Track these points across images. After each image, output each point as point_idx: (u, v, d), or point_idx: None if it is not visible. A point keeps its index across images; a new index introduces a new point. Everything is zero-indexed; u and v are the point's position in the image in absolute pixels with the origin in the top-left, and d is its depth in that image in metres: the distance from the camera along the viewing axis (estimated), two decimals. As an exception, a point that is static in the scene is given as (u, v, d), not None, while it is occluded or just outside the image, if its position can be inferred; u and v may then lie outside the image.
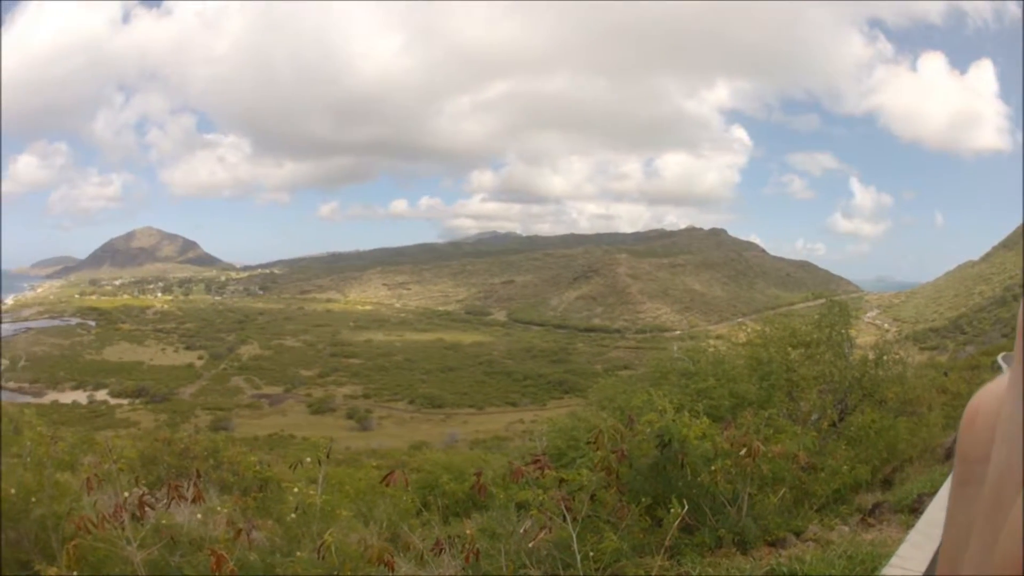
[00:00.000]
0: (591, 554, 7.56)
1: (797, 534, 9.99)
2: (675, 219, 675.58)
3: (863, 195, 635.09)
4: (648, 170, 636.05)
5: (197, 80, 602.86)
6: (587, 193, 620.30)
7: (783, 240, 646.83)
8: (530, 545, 7.84)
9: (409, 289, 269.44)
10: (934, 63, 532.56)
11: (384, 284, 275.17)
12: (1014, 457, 0.69)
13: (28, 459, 6.94)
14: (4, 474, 6.68)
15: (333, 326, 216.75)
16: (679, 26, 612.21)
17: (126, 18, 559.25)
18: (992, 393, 0.80)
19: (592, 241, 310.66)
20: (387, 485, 7.29)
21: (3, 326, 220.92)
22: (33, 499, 6.24)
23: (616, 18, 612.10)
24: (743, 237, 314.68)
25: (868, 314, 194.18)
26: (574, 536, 7.36)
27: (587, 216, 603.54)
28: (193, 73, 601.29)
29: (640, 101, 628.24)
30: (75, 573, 4.86)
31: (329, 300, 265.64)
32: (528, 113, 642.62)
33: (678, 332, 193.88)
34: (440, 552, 7.20)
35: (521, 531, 8.53)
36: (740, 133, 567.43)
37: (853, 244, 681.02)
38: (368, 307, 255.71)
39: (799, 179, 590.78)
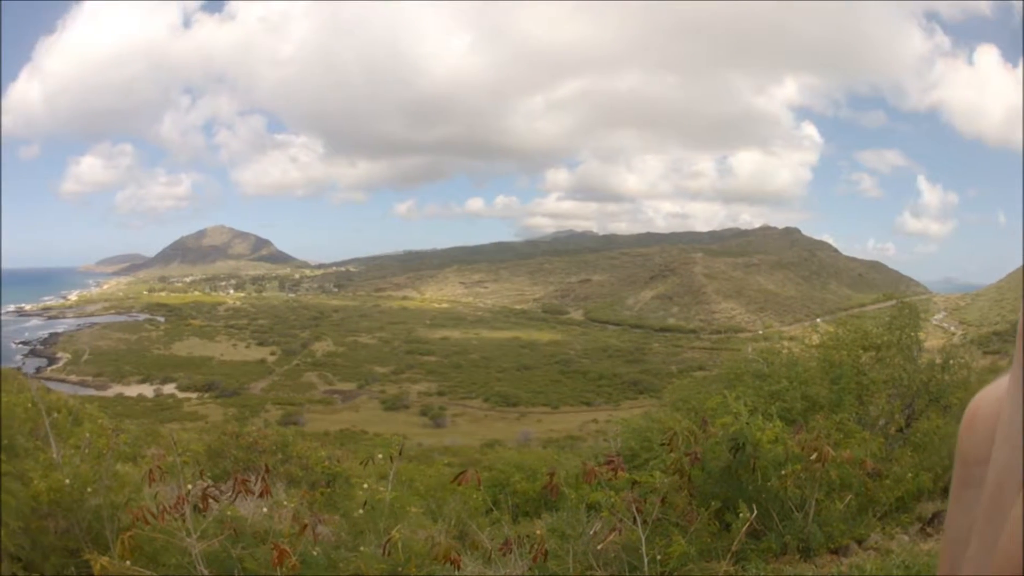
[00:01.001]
0: (658, 557, 7.48)
1: (859, 542, 9.84)
2: (749, 218, 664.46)
3: (930, 193, 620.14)
4: (722, 168, 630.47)
5: (265, 82, 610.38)
6: (662, 191, 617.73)
7: (855, 239, 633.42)
8: (599, 547, 7.77)
9: (486, 287, 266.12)
10: (988, 57, 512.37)
11: (461, 282, 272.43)
12: (1014, 458, 0.69)
13: (87, 451, 6.97)
14: (61, 464, 6.73)
15: (409, 323, 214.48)
16: (745, 22, 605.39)
17: (187, 23, 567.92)
18: (992, 395, 0.81)
19: (668, 240, 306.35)
20: (459, 484, 7.17)
21: (67, 320, 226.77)
22: (89, 489, 6.26)
23: (682, 14, 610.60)
24: (816, 236, 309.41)
25: (935, 317, 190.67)
26: (643, 539, 7.31)
27: (663, 215, 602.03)
28: (261, 75, 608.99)
29: (711, 98, 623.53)
30: (128, 562, 4.85)
31: (405, 298, 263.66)
32: (601, 111, 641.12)
33: (751, 333, 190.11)
34: (508, 552, 7.14)
35: (591, 532, 8.39)
36: (810, 130, 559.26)
37: (921, 244, 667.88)
38: (444, 305, 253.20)
39: (868, 177, 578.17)
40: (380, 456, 8.00)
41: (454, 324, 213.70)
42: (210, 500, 5.59)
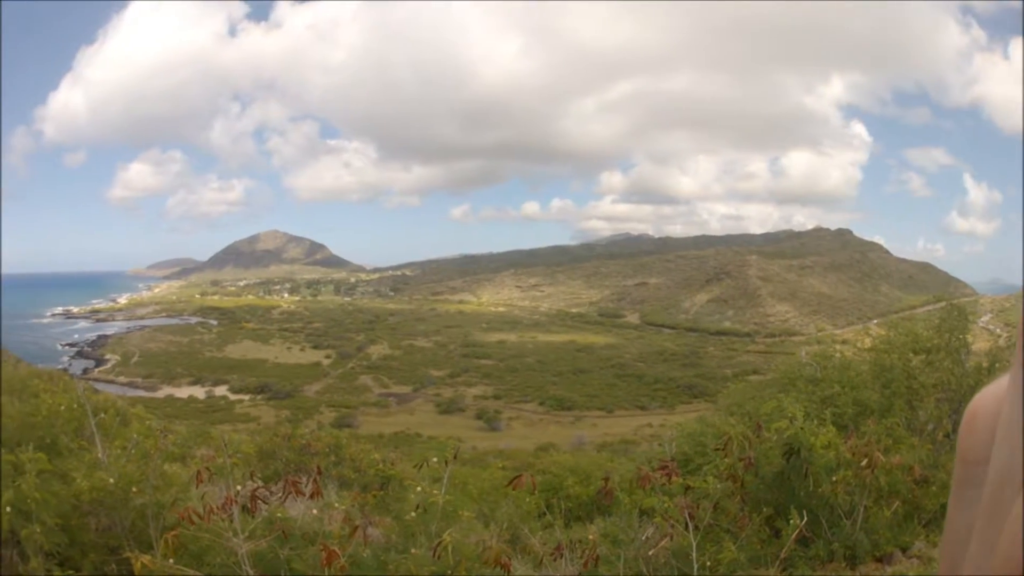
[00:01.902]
0: (708, 564, 7.44)
1: (903, 550, 9.73)
2: (802, 219, 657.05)
3: (976, 192, 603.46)
4: (774, 168, 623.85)
5: (316, 89, 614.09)
6: (716, 193, 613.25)
7: (905, 240, 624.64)
8: (651, 553, 7.75)
9: (542, 291, 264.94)
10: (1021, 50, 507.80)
11: (517, 286, 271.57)
12: (1014, 458, 0.69)
13: (133, 450, 7.03)
14: (107, 464, 6.78)
15: (465, 327, 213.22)
16: (789, 19, 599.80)
17: (233, 32, 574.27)
18: (992, 395, 0.81)
19: (723, 242, 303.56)
20: (514, 488, 7.13)
21: (116, 323, 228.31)
22: (134, 489, 6.30)
23: (729, 13, 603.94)
24: (867, 237, 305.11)
25: (982, 319, 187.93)
26: (694, 545, 7.25)
27: (717, 217, 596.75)
28: (311, 82, 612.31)
29: (761, 98, 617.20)
30: (171, 560, 4.87)
31: (461, 301, 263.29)
32: (653, 113, 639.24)
33: (805, 336, 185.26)
34: (559, 556, 7.11)
35: (643, 538, 8.37)
36: (859, 129, 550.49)
37: (969, 244, 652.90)
38: (501, 308, 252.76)
39: (916, 176, 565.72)
40: (436, 459, 8.02)
41: (510, 327, 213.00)
42: (259, 501, 5.61)
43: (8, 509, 5.54)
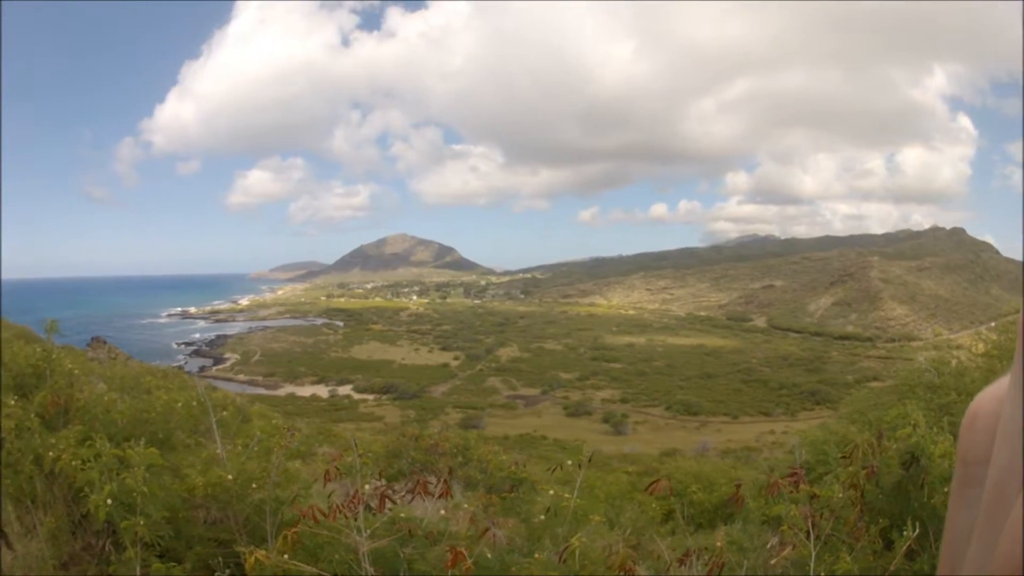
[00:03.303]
0: (822, 575, 7.29)
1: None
2: (920, 218, 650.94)
3: None
4: (890, 165, 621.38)
5: (436, 95, 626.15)
6: (837, 192, 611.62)
7: (1012, 238, 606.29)
8: (772, 562, 7.74)
9: (671, 294, 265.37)
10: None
11: (647, 288, 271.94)
12: (1014, 459, 0.69)
13: (256, 448, 7.10)
14: (225, 460, 6.87)
15: (595, 330, 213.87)
16: (888, 9, 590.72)
17: (345, 42, 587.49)
18: (992, 395, 0.81)
19: (846, 243, 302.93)
20: (651, 493, 7.10)
21: (237, 324, 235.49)
22: (254, 485, 6.36)
23: (829, 8, 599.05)
24: (979, 236, 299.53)
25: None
26: (813, 555, 7.15)
27: (840, 217, 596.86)
28: (430, 89, 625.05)
29: (870, 92, 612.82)
30: (285, 556, 4.88)
31: (591, 304, 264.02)
32: (771, 111, 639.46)
33: (923, 341, 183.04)
34: (684, 562, 7.02)
35: (768, 546, 8.32)
36: (964, 122, 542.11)
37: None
38: (631, 311, 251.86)
39: (1017, 170, 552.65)
40: (570, 463, 7.98)
41: (639, 331, 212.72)
42: (387, 500, 5.61)
43: (108, 501, 5.63)
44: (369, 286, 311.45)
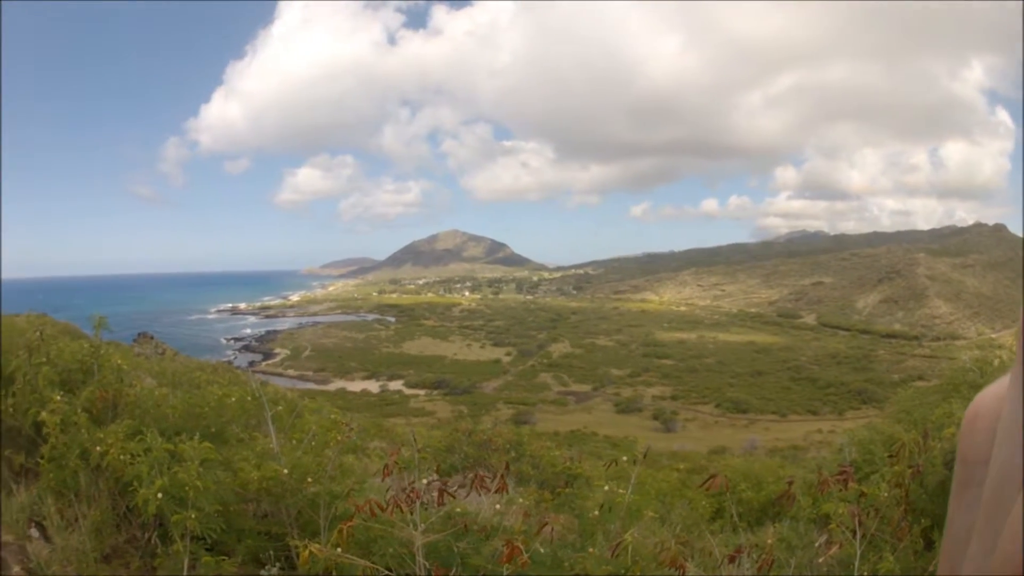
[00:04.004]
0: (865, 574, 7.23)
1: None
2: (963, 214, 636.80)
3: None
4: (934, 160, 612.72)
5: (484, 92, 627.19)
6: (884, 187, 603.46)
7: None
8: (819, 560, 7.65)
9: (722, 290, 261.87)
10: None
11: (699, 285, 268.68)
12: (1014, 459, 0.69)
13: (312, 442, 7.13)
14: (280, 454, 6.91)
15: (646, 326, 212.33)
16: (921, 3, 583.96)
17: (392, 40, 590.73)
18: (993, 395, 0.81)
19: (893, 239, 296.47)
20: (708, 489, 7.03)
21: (287, 319, 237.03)
22: (310, 479, 6.39)
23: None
24: (1019, 232, 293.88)
25: None
26: (858, 554, 7.12)
27: (887, 212, 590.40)
28: (479, 85, 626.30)
29: (912, 85, 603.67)
30: (339, 549, 4.89)
31: (644, 300, 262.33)
32: (817, 105, 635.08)
33: (967, 340, 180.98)
34: (735, 560, 7.00)
35: (816, 545, 8.18)
36: (1003, 115, 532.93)
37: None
38: (682, 308, 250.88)
39: None
40: (624, 458, 7.98)
41: (691, 327, 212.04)
42: (446, 495, 5.62)
43: (159, 495, 5.67)
44: (421, 282, 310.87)
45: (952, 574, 0.81)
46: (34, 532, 6.83)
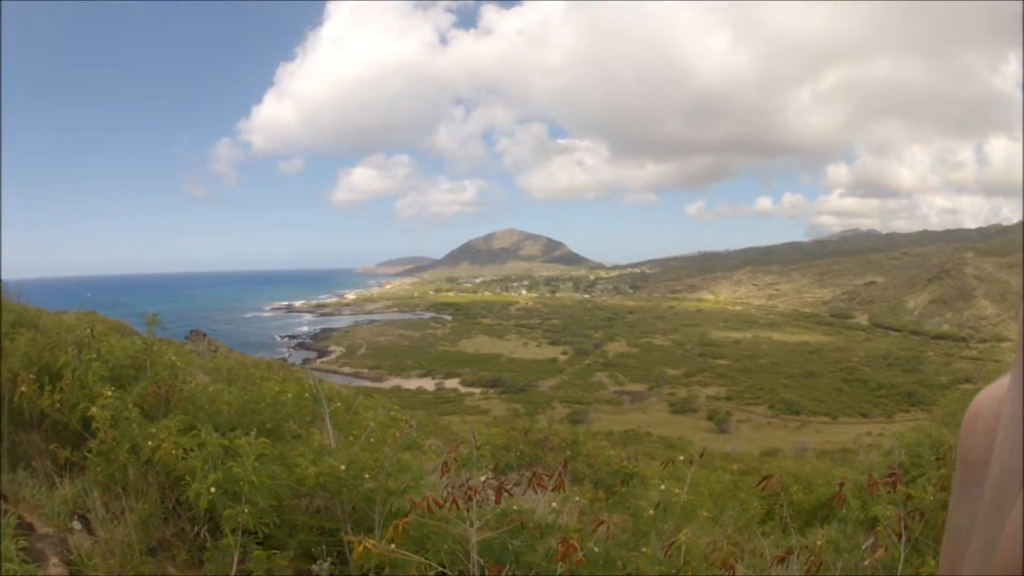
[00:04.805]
0: (907, 578, 7.17)
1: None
2: (1008, 212, 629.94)
3: None
4: (979, 157, 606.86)
5: (538, 91, 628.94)
6: (932, 185, 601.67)
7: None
8: (865, 563, 7.62)
9: (778, 289, 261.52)
10: None
11: (754, 284, 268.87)
12: (1014, 459, 0.69)
13: (371, 438, 7.15)
14: (336, 450, 6.95)
15: (703, 326, 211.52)
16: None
17: (443, 40, 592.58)
18: (993, 395, 0.82)
19: (942, 238, 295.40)
20: (763, 489, 7.19)
21: (343, 317, 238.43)
22: (367, 475, 6.41)
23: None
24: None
25: None
26: (902, 557, 7.04)
27: (936, 211, 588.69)
28: (532, 84, 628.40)
29: (955, 80, 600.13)
30: (392, 545, 4.90)
31: (700, 299, 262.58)
32: (864, 100, 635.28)
33: (1011, 341, 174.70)
34: (784, 561, 6.96)
35: (864, 547, 8.08)
36: None
37: None
38: (738, 307, 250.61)
39: None
40: (681, 458, 7.98)
41: (746, 327, 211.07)
42: (504, 492, 5.62)
43: (212, 490, 5.72)
44: (478, 280, 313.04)
45: (952, 574, 0.81)
46: (76, 524, 6.93)
